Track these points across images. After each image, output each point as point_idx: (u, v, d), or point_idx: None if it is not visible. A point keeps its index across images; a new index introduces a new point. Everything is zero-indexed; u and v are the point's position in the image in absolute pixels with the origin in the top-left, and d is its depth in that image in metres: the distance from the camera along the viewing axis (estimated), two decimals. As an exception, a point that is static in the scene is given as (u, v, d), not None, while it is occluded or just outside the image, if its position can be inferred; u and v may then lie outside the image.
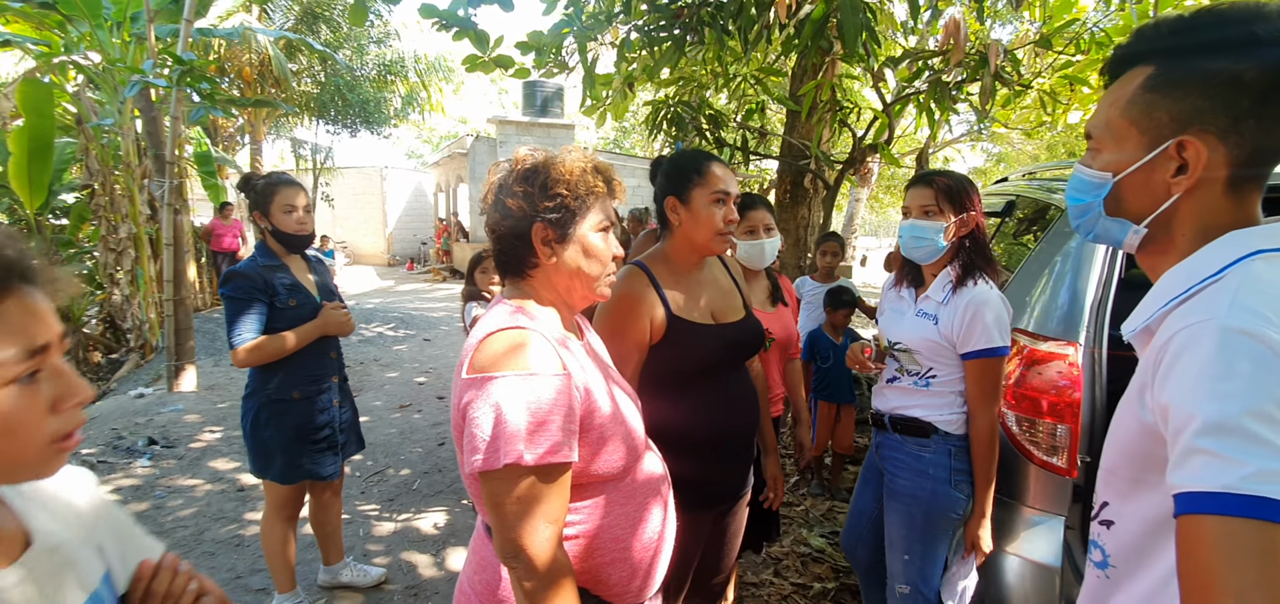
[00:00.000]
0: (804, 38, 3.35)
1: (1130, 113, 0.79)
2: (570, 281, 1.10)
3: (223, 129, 12.77)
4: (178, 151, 5.88)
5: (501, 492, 0.93)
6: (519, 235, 1.06)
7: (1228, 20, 0.73)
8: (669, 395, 1.51)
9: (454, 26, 3.59)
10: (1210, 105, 0.72)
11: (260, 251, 2.28)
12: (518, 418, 0.91)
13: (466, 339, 1.06)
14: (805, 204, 4.89)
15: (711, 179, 1.55)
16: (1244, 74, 0.71)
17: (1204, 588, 0.59)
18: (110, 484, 3.64)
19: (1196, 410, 0.64)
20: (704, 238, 1.55)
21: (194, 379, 5.61)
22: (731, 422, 1.63)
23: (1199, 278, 0.73)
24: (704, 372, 1.58)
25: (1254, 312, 0.65)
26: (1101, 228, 0.85)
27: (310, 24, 12.21)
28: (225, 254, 9.41)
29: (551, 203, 1.04)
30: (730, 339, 1.62)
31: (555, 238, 1.06)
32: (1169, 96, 0.75)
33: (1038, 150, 14.36)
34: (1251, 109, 0.71)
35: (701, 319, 1.59)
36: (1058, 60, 4.71)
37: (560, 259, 1.07)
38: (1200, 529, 0.60)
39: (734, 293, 1.72)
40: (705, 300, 1.62)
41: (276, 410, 2.24)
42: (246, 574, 2.78)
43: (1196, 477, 0.62)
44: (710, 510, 1.64)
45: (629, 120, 18.38)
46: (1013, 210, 2.77)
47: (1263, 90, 0.70)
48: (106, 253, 7.02)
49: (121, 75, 6.13)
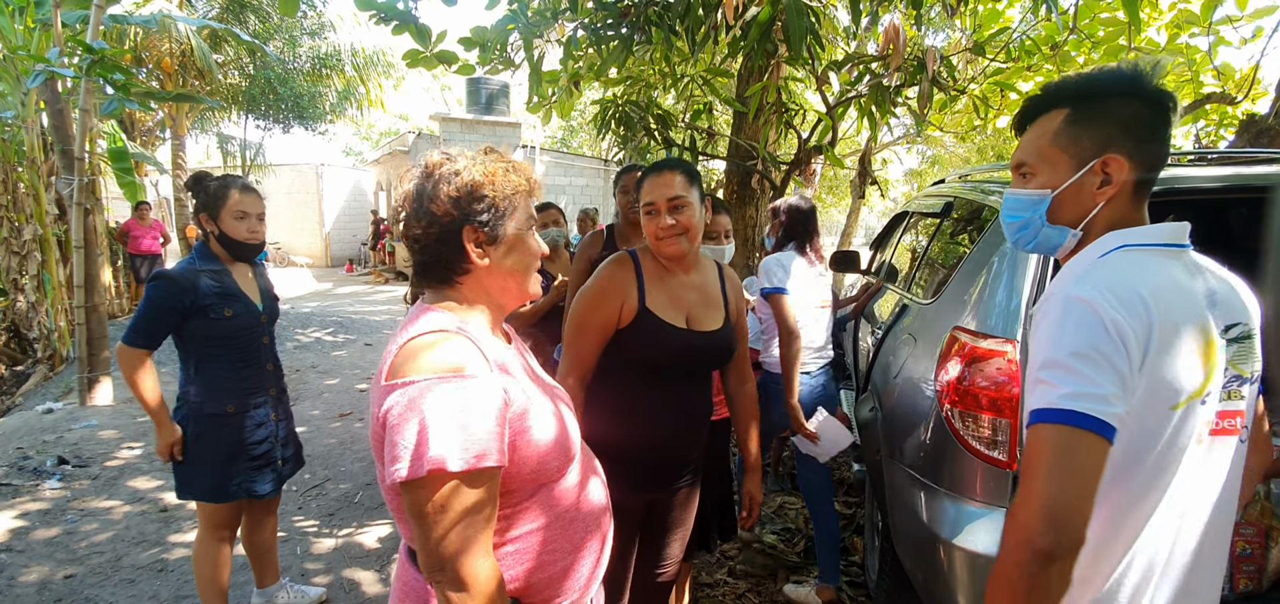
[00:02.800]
0: (750, 39, 3.38)
1: (1058, 142, 1.00)
2: (503, 282, 1.09)
3: (141, 123, 11.97)
4: (89, 147, 5.47)
5: (425, 501, 0.88)
6: (447, 240, 1.03)
7: (1121, 75, 0.98)
8: (630, 383, 1.64)
9: (394, 20, 3.46)
10: (1121, 132, 0.96)
11: (200, 255, 2.14)
12: (442, 423, 0.88)
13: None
14: (753, 204, 4.95)
15: (642, 192, 1.67)
16: (1140, 110, 0.97)
17: (1029, 471, 0.86)
18: (14, 510, 3.34)
19: (1040, 353, 0.90)
20: (653, 246, 1.66)
21: (110, 392, 5.23)
22: (679, 424, 1.70)
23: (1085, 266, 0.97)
24: (667, 369, 1.65)
25: (1091, 285, 0.90)
26: (1042, 237, 1.04)
27: (237, 13, 11.57)
28: (144, 257, 8.81)
29: (481, 204, 1.03)
30: (697, 345, 1.68)
31: (486, 239, 1.04)
32: (1089, 128, 0.98)
33: (969, 153, 15.04)
34: (1145, 134, 0.97)
35: (674, 320, 1.65)
36: (989, 67, 4.93)
37: (492, 260, 1.06)
38: (1035, 434, 0.87)
39: (717, 302, 1.76)
40: (685, 303, 1.69)
41: (210, 425, 2.11)
42: (170, 601, 2.60)
43: (1035, 400, 0.88)
44: (644, 492, 1.69)
45: (577, 119, 18.26)
46: (951, 211, 2.87)
47: (1149, 121, 0.97)
48: (9, 256, 6.46)
49: (24, 64, 5.65)
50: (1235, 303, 0.97)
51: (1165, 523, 0.94)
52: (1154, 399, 0.89)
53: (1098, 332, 0.86)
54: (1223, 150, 4.36)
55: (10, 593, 2.65)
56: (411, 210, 1.04)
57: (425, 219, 1.02)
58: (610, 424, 1.59)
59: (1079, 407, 0.83)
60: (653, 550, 1.82)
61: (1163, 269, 0.94)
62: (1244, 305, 0.98)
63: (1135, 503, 0.93)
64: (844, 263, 4.41)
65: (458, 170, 1.03)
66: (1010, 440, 1.65)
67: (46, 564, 2.86)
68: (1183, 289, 0.93)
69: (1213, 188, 1.94)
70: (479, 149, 1.09)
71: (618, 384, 1.65)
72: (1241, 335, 0.96)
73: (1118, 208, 0.98)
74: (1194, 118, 5.52)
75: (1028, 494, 0.83)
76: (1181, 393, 0.90)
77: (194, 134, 14.52)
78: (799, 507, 3.54)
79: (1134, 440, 0.90)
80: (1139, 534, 0.93)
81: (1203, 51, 5.22)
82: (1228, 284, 0.99)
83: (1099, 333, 0.86)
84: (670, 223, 1.62)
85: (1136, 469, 0.92)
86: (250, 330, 2.17)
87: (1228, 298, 0.97)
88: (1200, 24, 4.75)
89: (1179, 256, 0.97)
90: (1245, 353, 0.96)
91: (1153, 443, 0.91)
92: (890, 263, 3.92)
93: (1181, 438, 0.92)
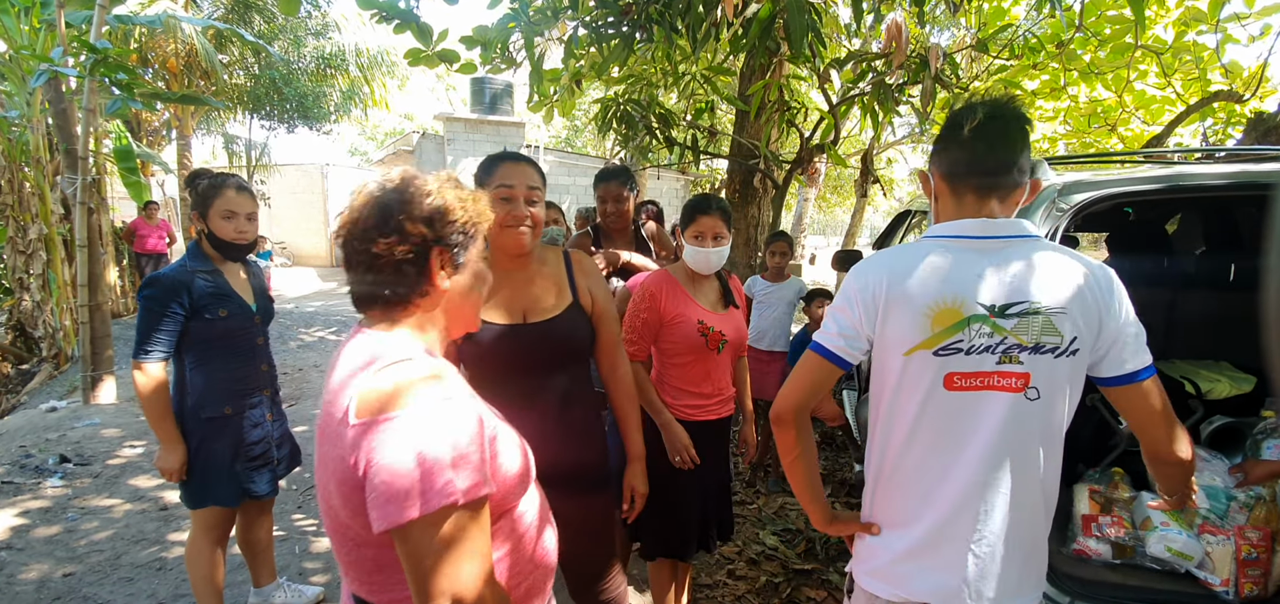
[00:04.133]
0: (750, 37, 3.36)
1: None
2: (460, 307, 1.06)
3: (147, 123, 12.02)
4: (94, 146, 5.49)
5: (432, 539, 0.83)
6: (415, 260, 0.98)
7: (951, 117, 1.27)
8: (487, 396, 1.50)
9: (395, 19, 3.46)
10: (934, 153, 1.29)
11: (191, 255, 2.13)
12: (443, 452, 0.83)
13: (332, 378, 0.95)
14: (755, 203, 4.93)
15: (496, 176, 1.57)
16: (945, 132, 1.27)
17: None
18: (15, 507, 3.35)
19: None
20: (494, 234, 1.54)
21: (113, 391, 5.25)
22: (543, 422, 1.57)
23: None
24: (511, 371, 1.56)
25: (871, 262, 1.27)
26: None
27: (242, 14, 11.60)
28: (149, 256, 8.84)
29: (451, 227, 1.00)
30: (533, 337, 1.60)
31: (451, 262, 1.02)
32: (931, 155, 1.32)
33: (974, 152, 14.93)
34: (942, 149, 1.27)
35: (507, 319, 1.59)
36: (993, 64, 4.89)
37: (454, 284, 1.03)
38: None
39: (559, 290, 1.67)
40: (520, 299, 1.62)
41: (211, 430, 2.11)
42: (169, 600, 2.60)
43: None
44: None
45: (580, 118, 18.25)
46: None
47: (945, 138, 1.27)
48: (15, 255, 6.51)
49: (29, 64, 5.68)
50: (1022, 287, 1.16)
51: (914, 459, 1.23)
52: (888, 345, 1.21)
53: (846, 295, 1.25)
54: (1230, 148, 4.31)
55: (9, 591, 2.66)
56: (374, 223, 0.97)
57: (394, 235, 0.96)
58: None
59: (818, 339, 1.27)
60: (577, 573, 1.73)
61: (923, 253, 1.21)
62: (1035, 289, 1.15)
63: (887, 434, 1.26)
64: (847, 262, 4.39)
65: (429, 191, 1.00)
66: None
67: (46, 562, 2.86)
68: (932, 268, 1.19)
69: (1218, 186, 1.91)
70: (442, 174, 1.07)
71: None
72: (1024, 312, 1.15)
73: (944, 209, 1.27)
74: (1201, 116, 5.46)
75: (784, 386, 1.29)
76: (908, 343, 1.18)
77: (200, 134, 14.58)
78: (800, 508, 3.52)
79: (877, 378, 1.27)
80: (886, 462, 1.27)
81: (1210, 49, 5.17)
82: (1026, 271, 1.17)
83: (846, 296, 1.25)
84: (527, 213, 1.56)
85: (879, 404, 1.27)
86: (245, 331, 2.16)
87: (1014, 282, 1.16)
88: (1208, 21, 4.70)
89: (960, 248, 1.20)
90: (1026, 326, 1.15)
91: (890, 379, 1.23)
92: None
93: (917, 382, 1.19)
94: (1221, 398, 2.14)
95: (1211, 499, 1.76)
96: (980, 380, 1.17)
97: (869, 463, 1.34)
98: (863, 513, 1.37)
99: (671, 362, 2.10)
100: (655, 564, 2.23)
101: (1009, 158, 1.19)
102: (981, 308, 1.16)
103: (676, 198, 15.72)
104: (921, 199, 3.87)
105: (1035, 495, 1.22)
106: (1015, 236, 1.20)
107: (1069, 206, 1.75)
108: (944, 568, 1.22)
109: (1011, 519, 1.20)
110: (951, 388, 1.18)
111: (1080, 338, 1.16)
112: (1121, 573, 1.74)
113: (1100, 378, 1.21)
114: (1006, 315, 1.15)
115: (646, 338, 2.06)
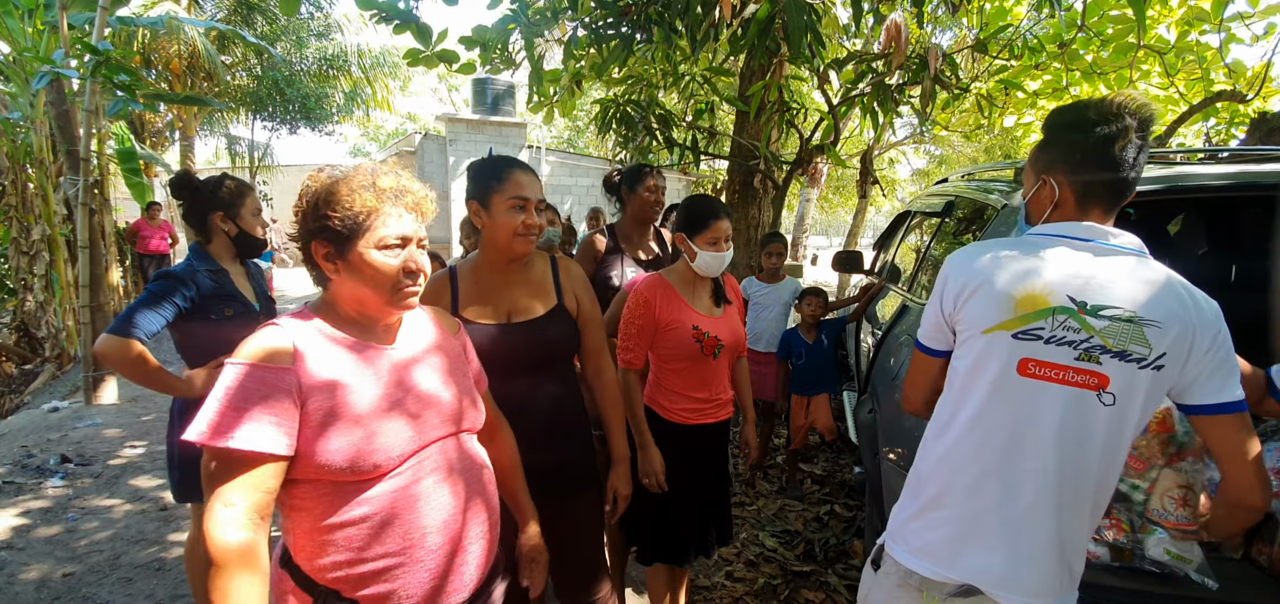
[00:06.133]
0: (749, 37, 3.36)
1: (1029, 161, 1.31)
2: (359, 294, 1.14)
3: (151, 125, 12.07)
4: (97, 148, 5.51)
5: (205, 464, 1.01)
6: (305, 249, 1.13)
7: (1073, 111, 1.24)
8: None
9: (395, 20, 3.46)
10: (1062, 157, 1.24)
11: (196, 256, 2.13)
12: (215, 400, 1.00)
13: None
14: (755, 204, 4.92)
15: (511, 185, 1.57)
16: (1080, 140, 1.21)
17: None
18: (16, 507, 3.36)
19: None
20: (505, 240, 1.59)
21: (114, 391, 5.26)
22: (526, 422, 1.57)
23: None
24: (495, 371, 1.54)
25: (969, 250, 1.29)
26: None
27: (244, 15, 11.64)
28: (152, 256, 8.86)
29: (320, 223, 1.09)
30: (516, 338, 1.62)
31: (335, 254, 1.11)
32: (1043, 152, 1.27)
33: (976, 152, 14.92)
34: (1082, 161, 1.21)
35: (492, 320, 1.62)
36: (994, 65, 4.88)
37: (343, 275, 1.12)
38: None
39: (545, 292, 1.71)
40: (506, 300, 1.65)
41: None
42: (166, 601, 2.60)
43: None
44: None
45: (582, 119, 18.26)
46: (953, 210, 2.84)
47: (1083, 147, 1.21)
48: (18, 256, 6.53)
49: (32, 66, 5.70)
50: (1121, 292, 1.15)
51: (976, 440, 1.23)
52: (970, 323, 1.23)
53: (939, 281, 1.30)
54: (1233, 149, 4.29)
55: (9, 591, 2.66)
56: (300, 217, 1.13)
57: (298, 223, 1.13)
58: None
59: (918, 337, 1.36)
60: (563, 575, 1.73)
61: (1027, 247, 1.23)
62: (1134, 298, 1.14)
63: (954, 411, 1.27)
64: (847, 263, 4.37)
65: (319, 188, 1.11)
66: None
67: (46, 562, 2.87)
68: (1030, 260, 1.20)
69: (1222, 186, 1.90)
70: (378, 162, 1.17)
71: None
72: (1116, 316, 1.14)
73: (1066, 215, 1.24)
74: (1204, 116, 5.44)
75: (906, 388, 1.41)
76: (988, 322, 1.20)
77: (202, 135, 14.63)
78: (799, 510, 3.51)
79: (955, 356, 1.28)
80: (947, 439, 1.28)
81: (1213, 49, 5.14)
82: (1129, 280, 1.16)
83: (939, 283, 1.30)
84: (538, 222, 1.60)
85: (954, 382, 1.28)
86: (249, 331, 2.16)
87: (1113, 286, 1.15)
88: (1211, 21, 4.68)
89: (1066, 247, 1.20)
90: (1116, 331, 1.14)
91: (967, 357, 1.24)
92: (893, 263, 3.88)
93: (991, 362, 1.20)
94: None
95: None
96: (1056, 372, 1.16)
97: (929, 439, 1.33)
98: (910, 489, 1.37)
99: (668, 366, 2.09)
100: (652, 569, 2.22)
101: (1142, 172, 1.21)
102: (1071, 302, 1.15)
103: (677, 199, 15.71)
104: (923, 199, 3.85)
105: (1086, 498, 1.20)
106: (1127, 249, 1.19)
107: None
108: (991, 551, 1.22)
109: (1060, 517, 1.19)
110: (1025, 373, 1.18)
111: (1169, 356, 1.13)
112: (1120, 576, 1.73)
113: (1186, 405, 1.18)
114: (1098, 315, 1.15)
115: (643, 343, 2.04)
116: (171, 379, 1.99)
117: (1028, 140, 9.68)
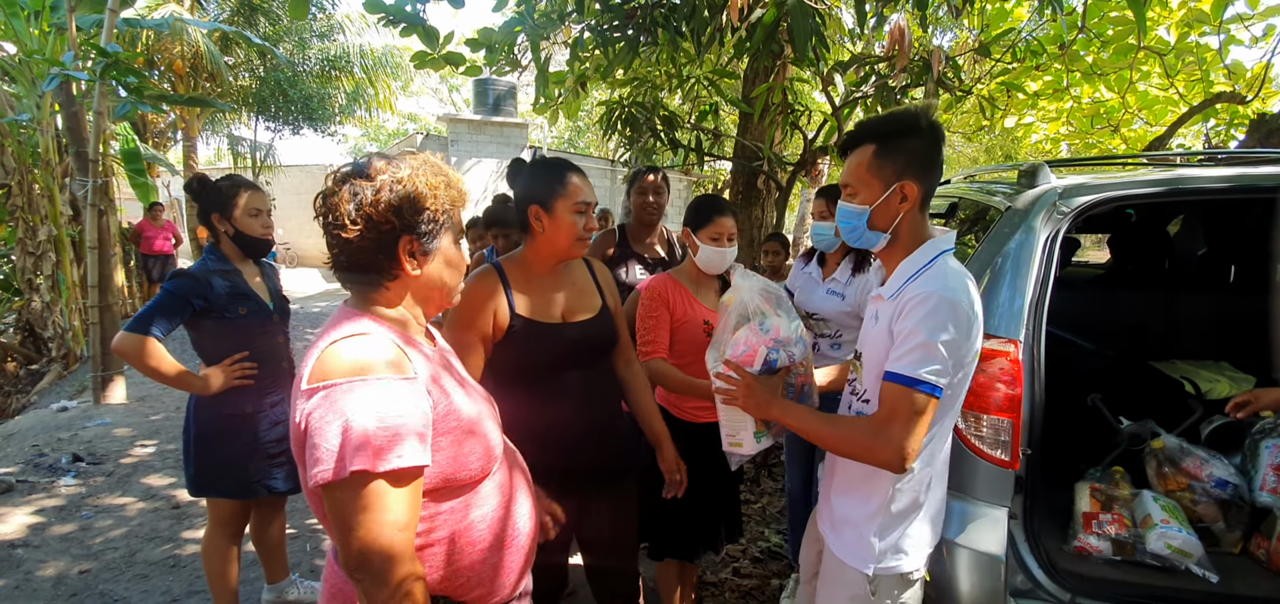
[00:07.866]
0: (755, 41, 3.39)
1: (871, 170, 1.34)
2: (428, 292, 1.10)
3: (154, 125, 12.10)
4: (102, 149, 5.54)
5: (347, 501, 0.90)
6: (382, 246, 1.02)
7: (907, 117, 1.34)
8: (521, 389, 1.62)
9: (402, 22, 3.50)
10: (910, 163, 1.31)
11: (211, 255, 2.17)
12: (366, 424, 0.89)
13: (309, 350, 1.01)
14: (759, 204, 4.96)
15: (574, 191, 1.64)
16: (921, 145, 1.32)
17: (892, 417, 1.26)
18: (31, 505, 3.40)
19: (916, 332, 1.25)
20: (565, 244, 1.65)
21: (123, 391, 5.30)
22: (581, 416, 1.70)
23: (919, 266, 1.33)
24: (552, 368, 1.66)
25: (953, 288, 1.27)
26: (866, 237, 1.39)
27: (248, 16, 11.68)
28: (156, 257, 8.90)
29: (421, 216, 1.03)
30: (575, 336, 1.70)
31: (420, 250, 1.05)
32: (890, 160, 1.32)
33: (977, 153, 14.96)
34: (926, 164, 1.33)
35: (549, 319, 1.67)
36: (995, 67, 4.92)
37: (424, 271, 1.07)
38: (887, 388, 1.27)
39: (590, 292, 1.80)
40: (559, 301, 1.71)
41: (230, 424, 2.14)
42: (183, 597, 2.64)
43: (898, 363, 1.26)
44: (569, 497, 1.64)
45: (584, 119, 18.29)
46: (955, 212, 2.87)
47: (925, 152, 1.32)
48: (24, 256, 6.56)
49: (39, 68, 5.74)
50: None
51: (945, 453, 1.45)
52: (974, 357, 1.33)
53: (959, 323, 1.25)
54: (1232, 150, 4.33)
55: (27, 587, 2.70)
56: (347, 211, 1.00)
57: (362, 221, 1.00)
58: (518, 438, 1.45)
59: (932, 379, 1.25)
60: (598, 551, 1.83)
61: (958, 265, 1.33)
62: None
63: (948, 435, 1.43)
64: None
65: (401, 178, 1.02)
66: (1012, 440, 1.65)
67: (62, 559, 2.90)
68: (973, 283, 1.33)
69: (1221, 188, 1.93)
70: (420, 157, 1.09)
71: (511, 395, 1.53)
72: None
73: (914, 220, 1.35)
74: (1204, 117, 5.48)
75: (890, 435, 1.24)
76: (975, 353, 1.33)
77: (205, 136, 14.67)
78: (804, 507, 3.55)
79: (960, 387, 1.35)
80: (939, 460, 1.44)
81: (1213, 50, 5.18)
82: None
83: (959, 325, 1.25)
84: (595, 226, 1.69)
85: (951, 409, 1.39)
86: (264, 330, 2.20)
87: None
88: (1211, 23, 4.71)
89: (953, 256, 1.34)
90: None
91: (967, 386, 1.37)
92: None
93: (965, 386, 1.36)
94: (1221, 398, 2.17)
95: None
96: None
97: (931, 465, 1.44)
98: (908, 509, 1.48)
99: (679, 364, 2.13)
100: (662, 564, 2.26)
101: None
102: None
103: (680, 199, 15.73)
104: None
105: None
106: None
107: (1070, 209, 1.76)
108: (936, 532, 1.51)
109: None
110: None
111: None
112: (1122, 569, 1.76)
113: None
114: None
115: (662, 337, 2.08)
116: (188, 376, 2.05)
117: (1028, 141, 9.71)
